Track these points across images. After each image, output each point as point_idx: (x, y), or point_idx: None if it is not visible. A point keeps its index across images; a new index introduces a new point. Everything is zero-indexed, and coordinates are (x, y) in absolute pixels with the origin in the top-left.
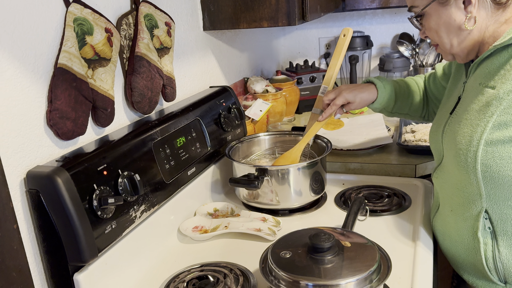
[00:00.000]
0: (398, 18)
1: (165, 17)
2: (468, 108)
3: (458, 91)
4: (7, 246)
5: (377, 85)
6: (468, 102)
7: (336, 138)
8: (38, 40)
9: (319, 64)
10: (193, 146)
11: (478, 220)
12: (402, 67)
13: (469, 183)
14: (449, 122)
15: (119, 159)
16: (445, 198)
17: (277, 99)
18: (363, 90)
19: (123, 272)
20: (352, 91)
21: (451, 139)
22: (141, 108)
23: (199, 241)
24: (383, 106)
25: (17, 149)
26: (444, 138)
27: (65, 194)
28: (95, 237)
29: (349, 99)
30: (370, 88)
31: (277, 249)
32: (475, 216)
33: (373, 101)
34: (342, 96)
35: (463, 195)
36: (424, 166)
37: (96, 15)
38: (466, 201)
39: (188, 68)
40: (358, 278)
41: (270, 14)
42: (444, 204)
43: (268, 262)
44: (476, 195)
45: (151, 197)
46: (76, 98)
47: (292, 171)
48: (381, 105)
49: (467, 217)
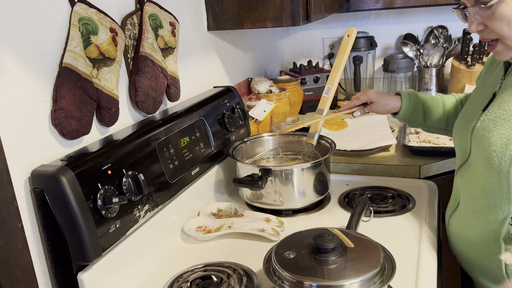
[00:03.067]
0: (402, 19)
1: (170, 17)
2: (506, 107)
3: (493, 87)
4: (11, 245)
5: (402, 95)
6: (506, 101)
7: (340, 139)
8: (43, 40)
9: (323, 65)
10: (197, 146)
11: (503, 225)
12: (406, 67)
13: (499, 187)
14: (481, 119)
15: (124, 159)
16: (468, 198)
17: (281, 100)
18: (389, 96)
19: (127, 272)
20: (377, 93)
21: (483, 138)
22: (145, 107)
23: (202, 241)
24: (408, 117)
25: (22, 148)
26: (474, 136)
27: (70, 193)
28: (99, 237)
29: (372, 98)
30: (396, 96)
31: (281, 249)
32: (500, 221)
33: (397, 109)
34: (367, 94)
35: (489, 198)
36: (428, 168)
37: (101, 14)
38: (492, 205)
39: (192, 68)
40: (362, 279)
41: (275, 14)
42: (465, 204)
43: (272, 263)
44: (505, 199)
45: (155, 196)
46: (81, 97)
47: (295, 171)
48: (406, 115)
49: (490, 221)
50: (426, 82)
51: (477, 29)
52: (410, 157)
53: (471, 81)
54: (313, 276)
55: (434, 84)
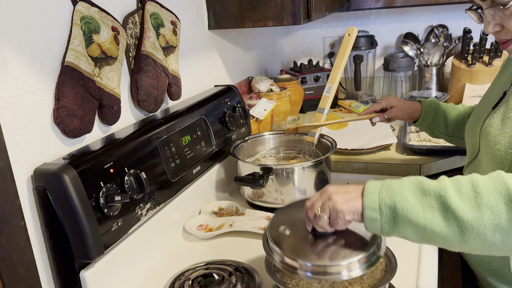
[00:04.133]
0: (403, 18)
1: (171, 16)
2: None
3: (504, 85)
4: (14, 243)
5: (422, 101)
6: None
7: (340, 138)
8: (46, 38)
9: (324, 64)
10: (198, 144)
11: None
12: (406, 67)
13: None
14: (490, 117)
15: (125, 157)
16: None
17: (282, 99)
18: (409, 101)
19: (129, 270)
20: (398, 98)
21: (490, 136)
22: (147, 106)
23: (204, 240)
24: (429, 124)
25: (24, 146)
26: (483, 133)
27: (72, 191)
28: (101, 235)
29: (393, 102)
30: (416, 102)
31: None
32: None
33: (417, 113)
34: (387, 99)
35: None
36: (429, 166)
37: (103, 13)
38: None
39: (193, 67)
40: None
41: (275, 13)
42: None
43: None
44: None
45: (156, 195)
46: (83, 96)
47: (296, 170)
48: (426, 122)
49: None
50: (427, 81)
51: (494, 30)
52: (411, 156)
53: (471, 80)
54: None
55: (434, 83)
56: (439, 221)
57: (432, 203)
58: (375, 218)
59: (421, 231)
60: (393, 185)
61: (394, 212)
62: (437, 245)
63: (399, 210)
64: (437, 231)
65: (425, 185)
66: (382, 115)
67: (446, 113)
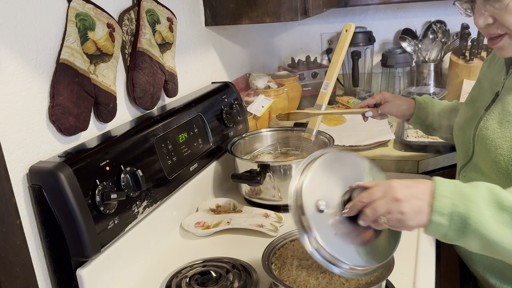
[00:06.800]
0: (401, 14)
1: (167, 12)
2: (510, 109)
3: (495, 86)
4: (10, 241)
5: (416, 98)
6: (510, 102)
7: (338, 134)
8: (40, 35)
9: (321, 60)
10: (195, 142)
11: None
12: (404, 62)
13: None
14: (484, 119)
15: (122, 155)
16: None
17: (279, 95)
18: (404, 98)
19: (125, 268)
20: (393, 95)
21: (487, 140)
22: (143, 103)
23: (201, 237)
24: (422, 121)
25: (19, 144)
26: (477, 135)
27: (68, 189)
28: (97, 233)
29: (387, 98)
30: (410, 99)
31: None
32: None
33: (411, 110)
34: (382, 94)
35: None
36: (427, 162)
37: (98, 10)
38: None
39: (190, 64)
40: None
41: (273, 9)
42: None
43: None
44: None
45: (153, 192)
46: (78, 93)
47: (294, 167)
48: (420, 119)
49: None
50: (425, 77)
51: (485, 23)
52: (408, 152)
53: (469, 76)
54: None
55: (432, 79)
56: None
57: (508, 219)
58: (441, 224)
59: (489, 245)
60: (467, 192)
61: (465, 222)
62: (498, 258)
63: (472, 221)
64: (506, 248)
65: (502, 198)
66: (375, 110)
67: (440, 110)
